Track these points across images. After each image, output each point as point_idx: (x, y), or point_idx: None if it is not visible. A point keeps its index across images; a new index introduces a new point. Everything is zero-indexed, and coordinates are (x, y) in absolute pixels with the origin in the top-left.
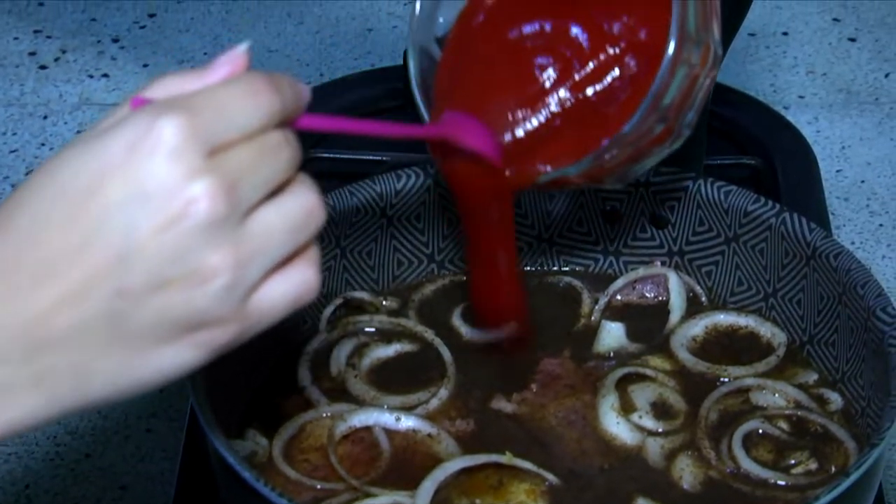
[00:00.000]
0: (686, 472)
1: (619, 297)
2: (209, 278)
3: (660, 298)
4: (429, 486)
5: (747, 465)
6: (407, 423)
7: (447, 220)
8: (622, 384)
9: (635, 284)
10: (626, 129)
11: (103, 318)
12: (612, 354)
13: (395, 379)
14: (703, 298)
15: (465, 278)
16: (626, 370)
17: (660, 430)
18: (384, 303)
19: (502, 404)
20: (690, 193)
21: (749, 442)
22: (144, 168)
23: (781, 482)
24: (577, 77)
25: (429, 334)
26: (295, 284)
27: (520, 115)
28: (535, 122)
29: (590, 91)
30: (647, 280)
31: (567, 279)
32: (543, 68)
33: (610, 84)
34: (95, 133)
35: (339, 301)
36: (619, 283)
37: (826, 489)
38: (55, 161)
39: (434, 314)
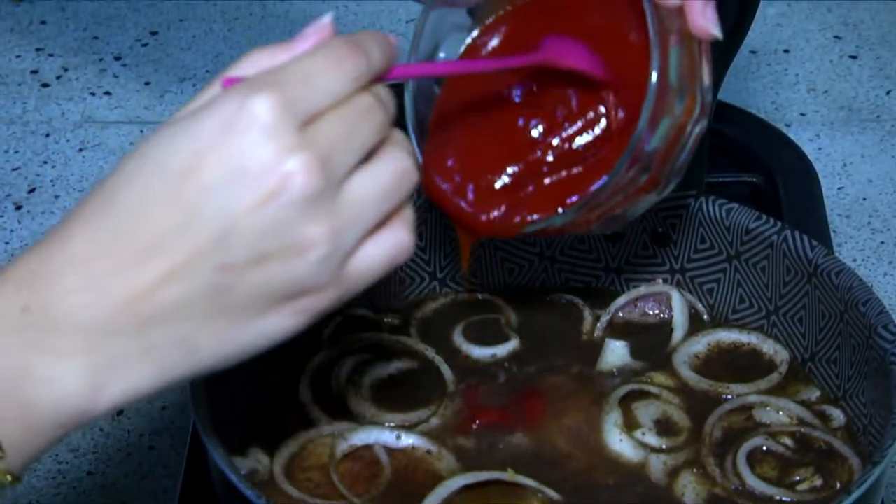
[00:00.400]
0: (689, 489)
1: (620, 315)
2: (307, 249)
3: (662, 316)
4: (432, 502)
5: (752, 481)
6: (407, 440)
7: (449, 238)
8: (626, 401)
9: (637, 302)
10: (606, 179)
11: (206, 292)
12: (615, 372)
13: (396, 396)
14: (706, 316)
15: (466, 296)
16: (629, 387)
17: (663, 446)
18: (385, 320)
19: (504, 422)
20: (692, 211)
21: (753, 459)
22: (239, 146)
23: (787, 499)
24: (563, 131)
25: (430, 352)
26: (389, 246)
27: (505, 164)
28: (520, 173)
29: (576, 143)
30: (649, 298)
31: (568, 296)
32: (529, 121)
33: (596, 136)
34: (189, 113)
35: (339, 319)
36: (622, 300)
37: None
38: (151, 142)
39: (435, 332)
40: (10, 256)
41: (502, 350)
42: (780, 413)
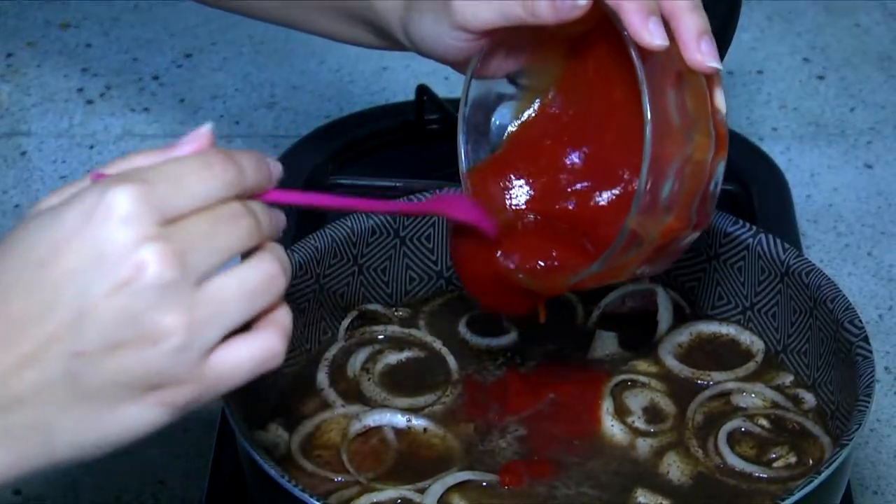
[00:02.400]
0: (674, 468)
1: (610, 309)
2: (161, 339)
3: (648, 310)
4: (437, 488)
5: (732, 459)
6: (416, 422)
7: None
8: (617, 390)
9: (626, 298)
10: (617, 239)
11: (62, 378)
12: (606, 360)
13: (405, 383)
14: (687, 310)
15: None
16: (621, 377)
17: (651, 430)
18: (396, 313)
19: (503, 406)
20: None
21: (733, 439)
22: (98, 234)
23: (764, 475)
24: (593, 191)
25: (437, 343)
26: (255, 349)
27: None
28: (560, 236)
29: (603, 198)
30: (637, 294)
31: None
32: (563, 176)
33: (623, 189)
34: (53, 206)
35: (354, 313)
36: (612, 296)
37: (798, 486)
38: (17, 233)
39: (442, 324)
40: None
41: (503, 341)
42: (755, 397)
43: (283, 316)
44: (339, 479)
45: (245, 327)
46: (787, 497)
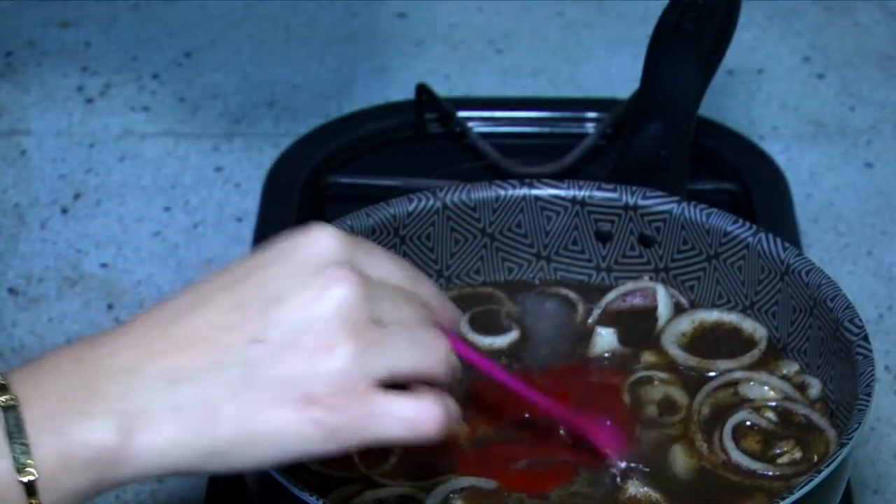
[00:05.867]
0: (678, 462)
1: (611, 308)
2: (332, 352)
3: (648, 307)
4: (441, 490)
5: (737, 456)
6: None
7: (454, 239)
8: (634, 386)
9: (626, 297)
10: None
11: (238, 362)
12: (605, 356)
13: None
14: (686, 307)
15: (471, 290)
16: (639, 374)
17: (660, 422)
18: None
19: (508, 404)
20: (675, 215)
21: (738, 433)
22: (300, 253)
23: (769, 473)
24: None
25: None
26: (415, 411)
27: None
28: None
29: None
30: (637, 293)
31: (564, 291)
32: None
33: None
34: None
35: None
36: (611, 295)
37: (798, 485)
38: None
39: None
40: (56, 256)
41: (505, 339)
42: (765, 388)
43: (451, 402)
44: (340, 474)
45: None
46: (788, 496)
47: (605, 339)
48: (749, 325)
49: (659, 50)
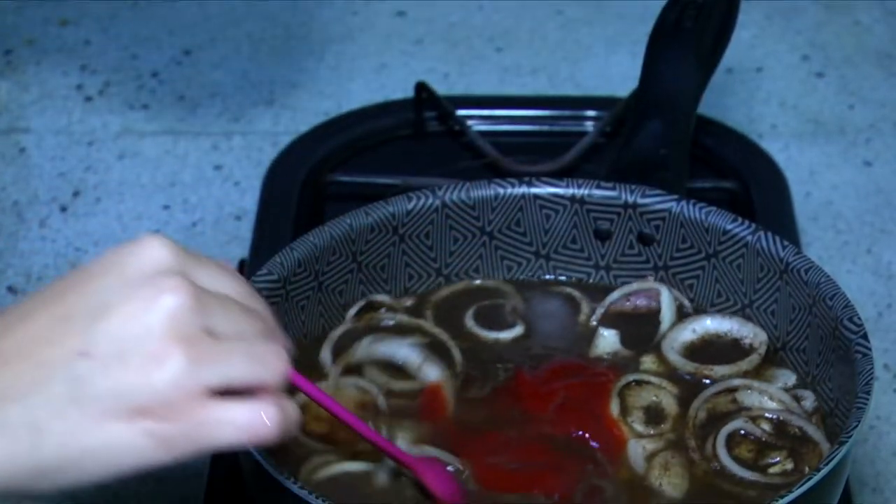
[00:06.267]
0: (663, 471)
1: (614, 308)
2: (164, 363)
3: (651, 309)
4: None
5: (727, 462)
6: (428, 371)
7: (453, 237)
8: (623, 389)
9: (630, 297)
10: None
11: (63, 377)
12: (606, 357)
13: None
14: (690, 310)
15: (478, 283)
16: (630, 378)
17: (650, 432)
18: (404, 303)
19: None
20: (674, 214)
21: (732, 441)
22: (127, 261)
23: (760, 480)
24: None
25: (443, 335)
26: (249, 412)
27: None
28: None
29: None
30: (641, 294)
31: (568, 290)
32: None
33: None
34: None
35: (362, 302)
36: (615, 295)
37: (798, 483)
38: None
39: (449, 315)
40: (56, 254)
41: (509, 334)
42: (764, 396)
43: (287, 403)
44: (315, 446)
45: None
46: (787, 494)
47: (608, 341)
48: (749, 331)
49: (658, 48)
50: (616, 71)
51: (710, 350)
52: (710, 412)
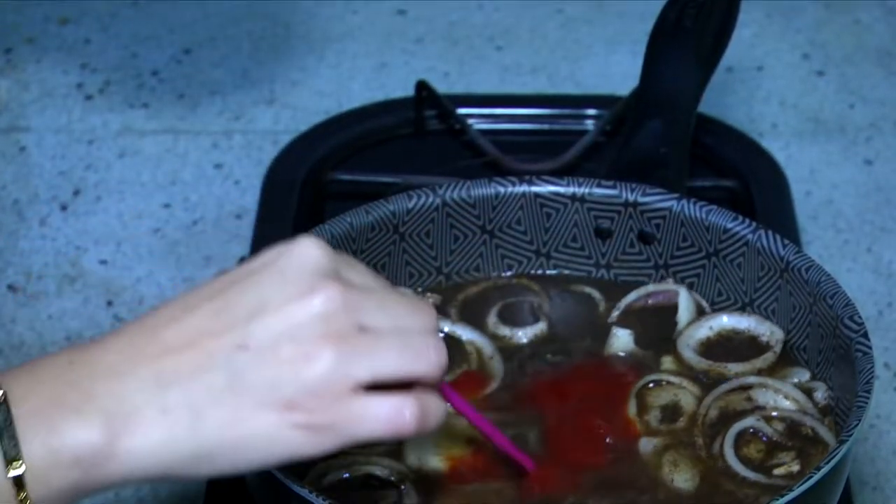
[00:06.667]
0: (673, 468)
1: (633, 307)
2: (315, 360)
3: (669, 310)
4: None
5: (732, 461)
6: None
7: (454, 236)
8: (643, 389)
9: (648, 298)
10: None
11: (222, 366)
12: (621, 356)
13: None
14: (708, 311)
15: (506, 281)
16: (649, 379)
17: (663, 429)
18: (427, 299)
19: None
20: (674, 212)
21: (742, 439)
22: (284, 262)
23: (763, 482)
24: None
25: (461, 332)
26: (394, 406)
27: None
28: None
29: None
30: (659, 294)
31: (587, 289)
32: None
33: None
34: None
35: None
36: (633, 295)
37: (798, 482)
38: None
39: (472, 312)
40: (56, 253)
41: (529, 332)
42: (779, 395)
43: (434, 400)
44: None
45: None
46: (788, 493)
47: (621, 340)
48: (766, 329)
49: (658, 47)
50: (616, 70)
51: (726, 346)
52: (722, 410)
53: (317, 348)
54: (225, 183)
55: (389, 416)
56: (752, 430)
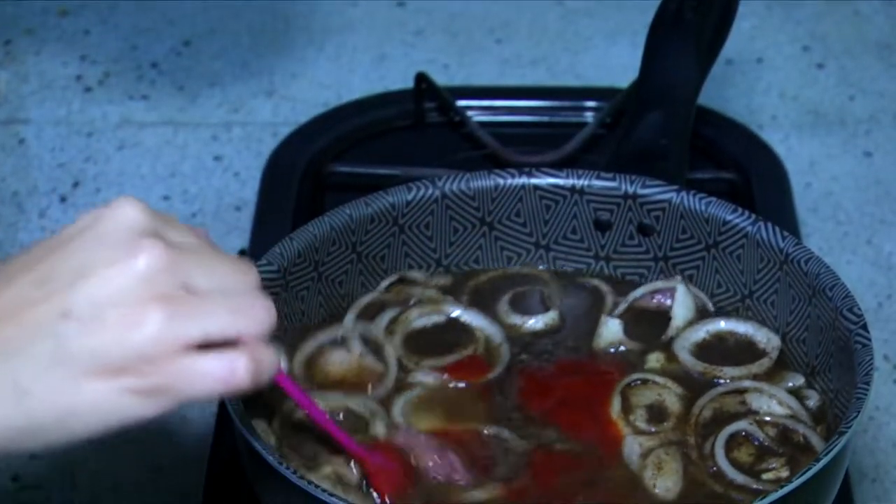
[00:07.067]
0: (656, 471)
1: (638, 304)
2: (143, 322)
3: (671, 306)
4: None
5: (723, 463)
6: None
7: (453, 228)
8: (627, 387)
9: (654, 294)
10: None
11: (46, 336)
12: (611, 351)
13: (429, 345)
14: (711, 310)
15: (517, 270)
16: (634, 377)
17: (651, 430)
18: (440, 282)
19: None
20: (674, 204)
21: (734, 442)
22: (105, 224)
23: (751, 486)
24: None
25: (467, 317)
26: (225, 363)
27: None
28: None
29: None
30: (666, 291)
31: (596, 282)
32: None
33: None
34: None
35: (395, 276)
36: (639, 291)
37: (797, 474)
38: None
39: (484, 299)
40: None
41: (540, 321)
42: (773, 400)
43: (266, 352)
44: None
45: None
46: (787, 484)
47: (611, 330)
48: (763, 336)
49: (658, 39)
50: (616, 62)
51: (720, 348)
52: (716, 412)
53: (143, 311)
54: (224, 175)
55: (223, 372)
56: (743, 434)
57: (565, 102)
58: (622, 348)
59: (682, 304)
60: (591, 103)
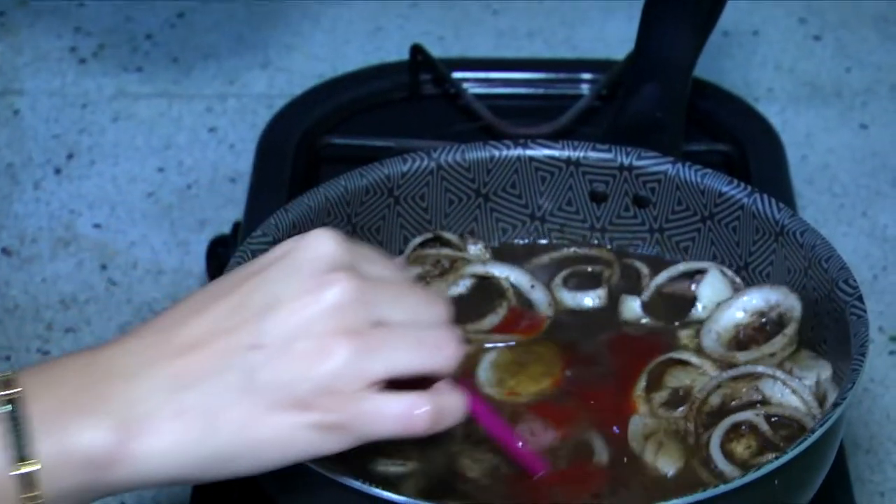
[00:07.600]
0: (659, 453)
1: (669, 289)
2: (330, 356)
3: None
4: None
5: (715, 452)
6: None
7: (448, 199)
8: (662, 365)
9: (693, 277)
10: None
11: (237, 367)
12: (633, 326)
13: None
14: (741, 286)
15: (568, 252)
16: (672, 355)
17: (660, 413)
18: (476, 248)
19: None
20: (670, 176)
21: (736, 432)
22: (298, 256)
23: (739, 479)
24: None
25: (504, 279)
26: (407, 405)
27: None
28: None
29: None
30: (688, 280)
31: (637, 264)
32: None
33: None
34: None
35: (429, 235)
36: (664, 276)
37: (792, 445)
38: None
39: (540, 273)
40: (50, 216)
41: (588, 299)
42: (787, 389)
43: (451, 397)
44: None
45: None
46: (782, 455)
47: (629, 307)
48: (791, 304)
49: (654, 11)
50: (612, 34)
51: (749, 331)
52: (725, 398)
53: (331, 343)
54: (219, 147)
55: (403, 415)
56: (743, 428)
57: (561, 74)
58: (642, 324)
59: (708, 284)
60: (587, 75)
